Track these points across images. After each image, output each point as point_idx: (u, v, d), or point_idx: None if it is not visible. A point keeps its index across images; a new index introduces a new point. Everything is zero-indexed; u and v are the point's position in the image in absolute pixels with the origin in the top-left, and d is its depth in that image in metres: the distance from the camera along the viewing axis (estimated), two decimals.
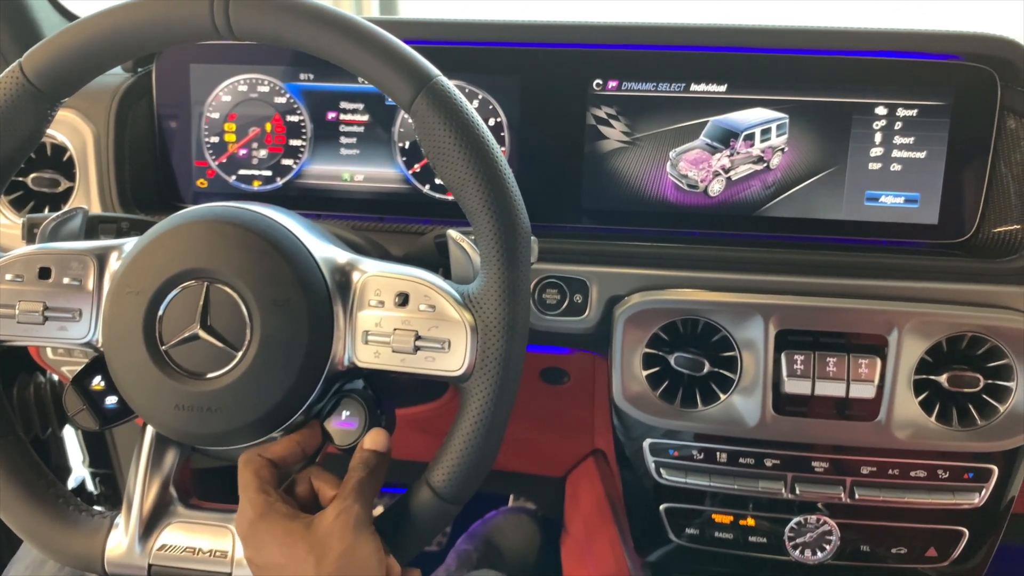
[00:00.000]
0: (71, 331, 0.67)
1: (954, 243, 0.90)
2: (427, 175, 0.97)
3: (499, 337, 0.61)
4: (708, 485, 0.87)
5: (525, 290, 0.63)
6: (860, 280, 0.85)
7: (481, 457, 0.62)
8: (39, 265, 0.67)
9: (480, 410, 0.62)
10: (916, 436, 0.83)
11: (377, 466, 0.64)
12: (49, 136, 0.98)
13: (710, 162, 0.91)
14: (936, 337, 0.82)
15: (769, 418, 0.83)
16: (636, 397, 0.85)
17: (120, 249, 0.68)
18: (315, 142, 0.98)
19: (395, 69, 0.61)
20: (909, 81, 0.87)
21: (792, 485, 0.86)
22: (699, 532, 0.90)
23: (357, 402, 0.67)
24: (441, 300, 0.63)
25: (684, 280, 0.86)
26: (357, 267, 0.66)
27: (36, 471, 0.69)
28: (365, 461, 0.64)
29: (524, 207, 0.63)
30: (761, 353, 0.83)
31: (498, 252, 0.61)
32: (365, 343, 0.64)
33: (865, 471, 0.85)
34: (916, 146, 0.89)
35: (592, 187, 0.93)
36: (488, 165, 0.61)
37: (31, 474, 0.68)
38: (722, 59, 0.89)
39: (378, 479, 0.64)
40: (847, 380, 0.82)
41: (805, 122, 0.89)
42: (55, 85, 0.65)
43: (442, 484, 0.62)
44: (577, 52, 0.92)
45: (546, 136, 0.93)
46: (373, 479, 0.63)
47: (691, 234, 0.92)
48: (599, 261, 0.88)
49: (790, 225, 0.91)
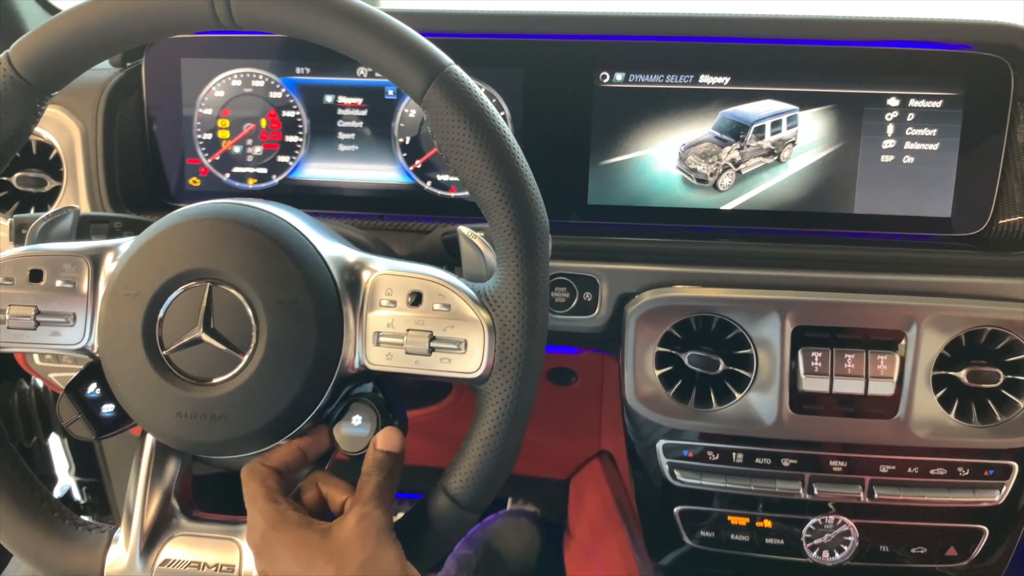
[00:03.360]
0: (65, 336, 0.64)
1: (967, 236, 0.88)
2: (428, 171, 0.94)
3: (518, 336, 0.59)
4: (724, 486, 0.85)
5: (544, 287, 0.60)
6: (876, 275, 0.83)
7: (500, 462, 0.60)
8: (30, 267, 0.64)
9: (499, 413, 0.59)
10: (935, 433, 0.81)
11: (393, 468, 0.61)
12: (35, 134, 0.94)
13: (720, 156, 0.89)
14: (955, 332, 0.80)
15: (786, 417, 0.81)
16: (649, 397, 0.83)
17: (116, 250, 0.65)
18: (312, 138, 0.95)
19: (405, 58, 0.58)
20: (921, 72, 0.86)
21: (810, 485, 0.84)
22: (714, 534, 0.88)
23: (368, 406, 0.64)
24: (456, 299, 0.60)
25: (696, 277, 0.84)
26: (367, 266, 0.63)
27: (29, 484, 0.65)
28: (380, 464, 0.61)
29: (542, 201, 0.60)
30: (777, 350, 0.81)
31: (516, 248, 0.59)
32: (376, 345, 0.61)
33: (884, 470, 0.83)
34: (929, 138, 0.87)
35: (599, 182, 0.90)
36: (505, 158, 0.58)
37: (23, 487, 0.65)
38: (731, 50, 0.87)
39: (395, 481, 0.61)
40: (866, 377, 0.80)
41: (816, 114, 0.87)
42: (45, 77, 0.61)
43: (460, 491, 0.60)
44: (582, 43, 0.89)
45: (551, 130, 0.91)
46: (390, 482, 0.61)
47: (701, 230, 0.90)
48: (609, 258, 0.86)
49: (802, 219, 0.89)
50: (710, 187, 0.89)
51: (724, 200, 0.90)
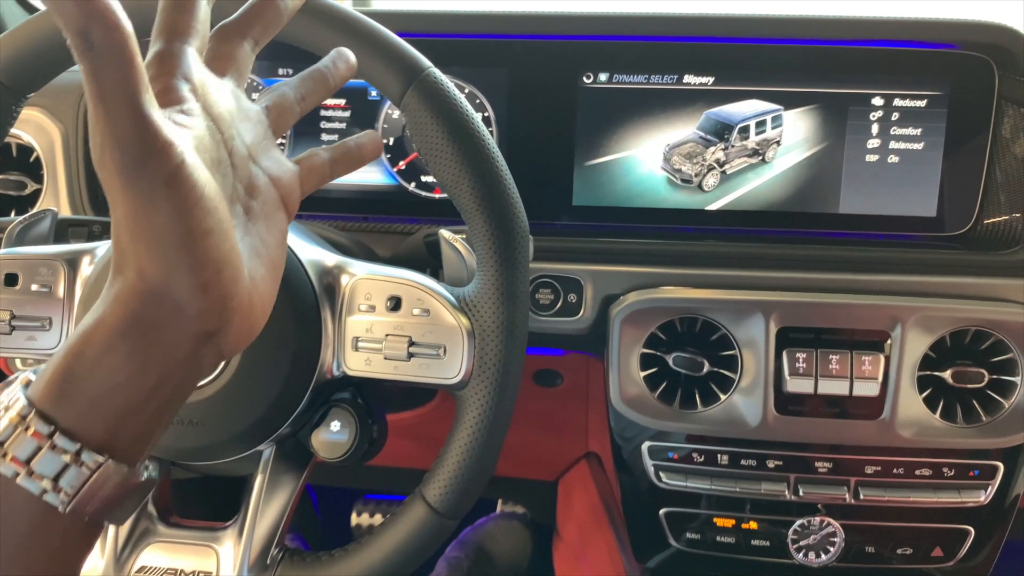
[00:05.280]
0: (41, 341, 0.63)
1: (953, 236, 0.88)
2: (412, 173, 0.94)
3: (497, 342, 0.58)
4: (709, 488, 0.85)
5: (524, 292, 0.60)
6: (861, 275, 0.83)
7: (479, 469, 0.59)
8: (5, 271, 0.63)
9: (478, 419, 0.59)
10: (921, 434, 0.81)
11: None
12: (14, 136, 0.93)
13: (704, 156, 0.88)
14: (940, 332, 0.80)
15: (771, 418, 0.81)
16: (634, 399, 0.82)
17: (92, 253, 0.64)
18: (295, 139, 0.94)
19: (383, 61, 0.58)
20: (905, 71, 0.85)
21: (795, 486, 0.84)
22: (700, 536, 0.87)
23: (347, 412, 0.63)
24: (435, 304, 0.60)
25: (681, 278, 0.83)
26: (345, 270, 0.62)
27: None
28: None
29: (522, 205, 0.60)
30: (762, 351, 0.81)
31: (495, 253, 0.58)
32: (355, 350, 0.61)
33: (869, 471, 0.83)
34: (913, 137, 0.87)
35: (583, 183, 0.90)
36: (483, 162, 0.58)
37: None
38: (714, 49, 0.87)
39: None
40: (850, 378, 0.80)
41: (800, 114, 0.87)
42: (20, 79, 0.61)
43: (439, 498, 0.59)
44: (566, 44, 0.89)
45: (535, 131, 0.90)
46: None
47: (686, 230, 0.90)
48: (593, 259, 0.85)
49: (787, 219, 0.88)
50: (695, 187, 0.89)
51: (709, 200, 0.89)
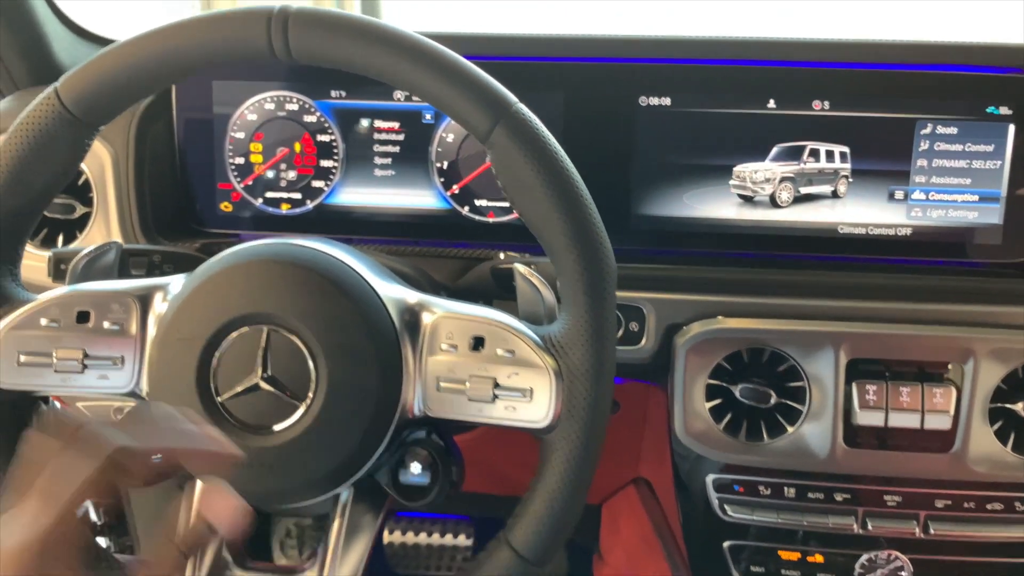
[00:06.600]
0: (113, 380, 0.62)
1: (1019, 263, 0.86)
2: (466, 197, 0.92)
3: (586, 384, 0.57)
4: (776, 521, 0.83)
5: (612, 331, 0.58)
6: (927, 304, 0.82)
7: (568, 515, 0.58)
8: (76, 308, 0.62)
9: (566, 464, 0.57)
10: (993, 467, 0.79)
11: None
12: None
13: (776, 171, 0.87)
14: (1013, 364, 0.78)
15: (840, 451, 0.79)
16: (700, 433, 0.81)
17: (165, 290, 0.63)
18: (347, 163, 0.93)
19: (469, 97, 0.56)
20: (971, 95, 0.84)
21: (863, 520, 0.82)
22: (764, 570, 0.86)
23: (426, 453, 0.62)
24: (520, 344, 0.58)
25: (746, 307, 0.82)
26: (427, 307, 0.61)
27: None
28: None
29: (609, 243, 0.59)
30: (831, 383, 0.79)
31: (584, 293, 0.57)
32: (437, 390, 0.59)
33: (939, 504, 0.81)
34: (979, 161, 0.85)
35: (642, 208, 0.89)
36: (572, 200, 0.57)
37: None
38: (772, 73, 0.85)
39: None
40: (922, 411, 0.78)
41: (867, 139, 0.86)
42: (94, 112, 0.60)
43: (526, 545, 0.58)
44: (624, 67, 0.87)
45: (593, 155, 0.88)
46: None
47: (750, 256, 0.88)
48: (655, 287, 0.84)
49: (853, 245, 0.87)
50: (764, 207, 0.87)
51: (777, 221, 0.87)
